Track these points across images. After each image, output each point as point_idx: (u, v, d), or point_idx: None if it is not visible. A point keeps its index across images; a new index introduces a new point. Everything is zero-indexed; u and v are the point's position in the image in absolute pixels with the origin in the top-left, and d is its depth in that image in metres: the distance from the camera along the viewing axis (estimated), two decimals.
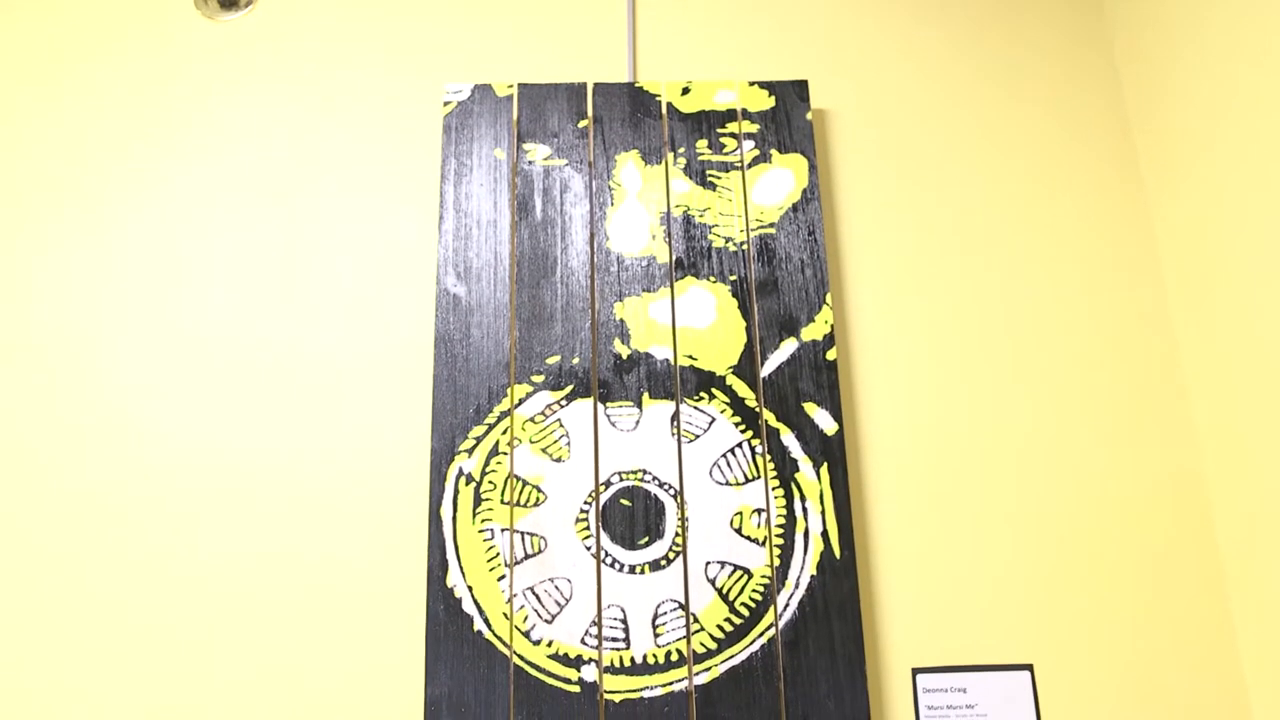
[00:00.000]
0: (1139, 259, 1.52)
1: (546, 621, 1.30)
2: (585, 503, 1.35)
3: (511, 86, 1.55)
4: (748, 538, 1.34)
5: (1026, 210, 1.54)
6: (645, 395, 1.40)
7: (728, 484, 1.36)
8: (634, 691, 1.27)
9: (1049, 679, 1.32)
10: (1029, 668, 1.32)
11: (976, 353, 1.47)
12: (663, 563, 1.33)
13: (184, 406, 1.42)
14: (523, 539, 1.33)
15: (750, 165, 1.51)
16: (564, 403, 1.39)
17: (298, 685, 1.31)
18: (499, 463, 1.36)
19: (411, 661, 1.32)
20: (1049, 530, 1.39)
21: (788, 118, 1.53)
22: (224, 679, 1.32)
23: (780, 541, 1.34)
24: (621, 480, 1.36)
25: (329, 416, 1.42)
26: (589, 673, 1.28)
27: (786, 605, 1.31)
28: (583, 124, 1.53)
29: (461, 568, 1.32)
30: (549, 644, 1.29)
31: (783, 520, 1.35)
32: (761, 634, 1.30)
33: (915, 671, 1.32)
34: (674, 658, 1.29)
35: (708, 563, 1.33)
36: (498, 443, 1.37)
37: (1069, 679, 1.32)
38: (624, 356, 1.42)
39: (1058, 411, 1.44)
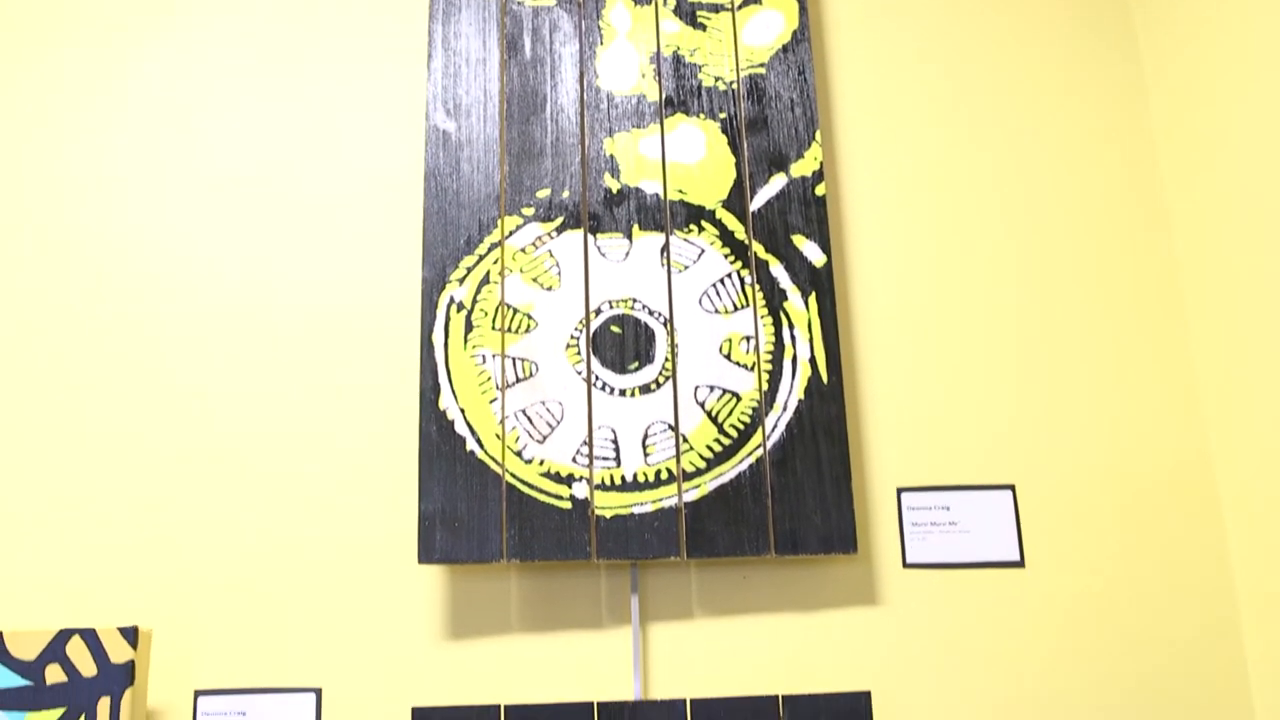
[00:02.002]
0: (1130, 101, 1.53)
1: (538, 442, 1.32)
2: (576, 329, 1.36)
3: None
4: (737, 363, 1.36)
5: (1019, 54, 1.54)
6: (635, 227, 1.41)
7: (717, 312, 1.38)
8: (624, 508, 1.29)
9: (1029, 499, 1.35)
10: (1010, 488, 1.35)
11: (963, 189, 1.48)
12: (653, 386, 1.34)
13: (185, 240, 1.42)
14: (514, 364, 1.35)
15: (740, 6, 1.51)
16: (554, 234, 1.40)
17: (297, 503, 1.33)
18: (490, 291, 1.37)
19: (406, 480, 1.34)
20: (1032, 355, 1.41)
21: None
22: (226, 499, 1.33)
23: (769, 367, 1.36)
24: (612, 308, 1.37)
25: (322, 248, 1.42)
26: (580, 490, 1.30)
27: (775, 427, 1.33)
28: None
29: (454, 391, 1.33)
30: (541, 463, 1.31)
31: (771, 347, 1.36)
32: (750, 454, 1.32)
33: (900, 490, 1.35)
34: (664, 476, 1.31)
35: (697, 387, 1.35)
36: (488, 272, 1.38)
37: (1049, 499, 1.36)
38: (614, 190, 1.42)
39: (1043, 239, 1.46)
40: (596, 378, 1.34)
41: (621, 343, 1.36)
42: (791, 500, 1.30)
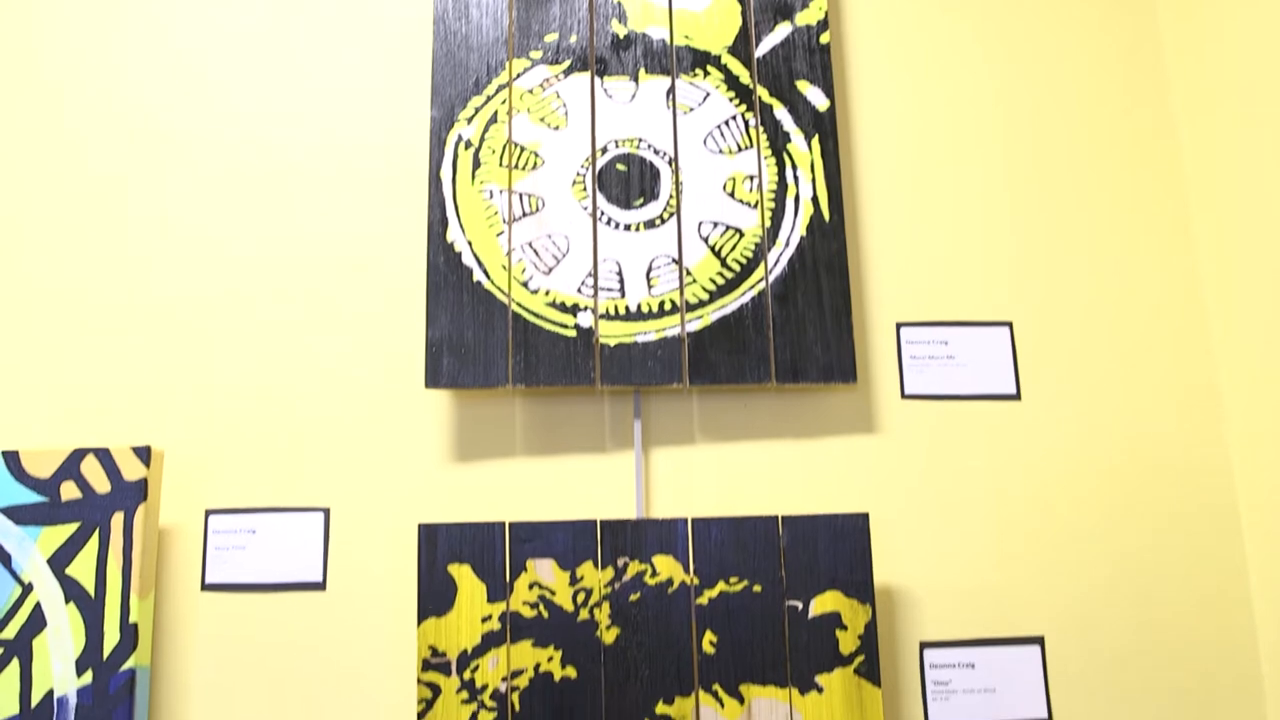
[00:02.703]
0: None
1: (544, 273, 1.34)
2: (582, 166, 1.38)
3: None
4: (740, 201, 1.37)
5: None
6: (642, 71, 1.42)
7: (721, 152, 1.39)
8: (628, 336, 1.32)
9: (1026, 334, 1.38)
10: (1009, 325, 1.38)
11: (966, 37, 1.49)
12: (657, 222, 1.36)
13: (198, 77, 1.44)
14: (521, 199, 1.36)
15: None
16: (562, 77, 1.41)
17: (308, 329, 1.35)
18: (497, 130, 1.38)
19: (414, 309, 1.36)
20: (1030, 197, 1.43)
21: None
22: (239, 325, 1.35)
23: (772, 205, 1.37)
24: (618, 147, 1.39)
25: (332, 88, 1.44)
26: (585, 319, 1.32)
27: (777, 262, 1.35)
28: None
29: (461, 224, 1.35)
30: (546, 293, 1.33)
31: (774, 186, 1.38)
32: (752, 287, 1.34)
33: (899, 325, 1.37)
34: (667, 307, 1.33)
35: (701, 222, 1.37)
36: (496, 112, 1.39)
37: (1046, 335, 1.38)
38: (621, 36, 1.43)
39: (1043, 82, 1.47)
40: (602, 213, 1.36)
41: (627, 180, 1.38)
42: (793, 332, 1.33)
